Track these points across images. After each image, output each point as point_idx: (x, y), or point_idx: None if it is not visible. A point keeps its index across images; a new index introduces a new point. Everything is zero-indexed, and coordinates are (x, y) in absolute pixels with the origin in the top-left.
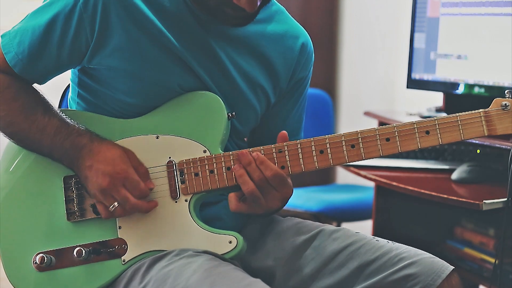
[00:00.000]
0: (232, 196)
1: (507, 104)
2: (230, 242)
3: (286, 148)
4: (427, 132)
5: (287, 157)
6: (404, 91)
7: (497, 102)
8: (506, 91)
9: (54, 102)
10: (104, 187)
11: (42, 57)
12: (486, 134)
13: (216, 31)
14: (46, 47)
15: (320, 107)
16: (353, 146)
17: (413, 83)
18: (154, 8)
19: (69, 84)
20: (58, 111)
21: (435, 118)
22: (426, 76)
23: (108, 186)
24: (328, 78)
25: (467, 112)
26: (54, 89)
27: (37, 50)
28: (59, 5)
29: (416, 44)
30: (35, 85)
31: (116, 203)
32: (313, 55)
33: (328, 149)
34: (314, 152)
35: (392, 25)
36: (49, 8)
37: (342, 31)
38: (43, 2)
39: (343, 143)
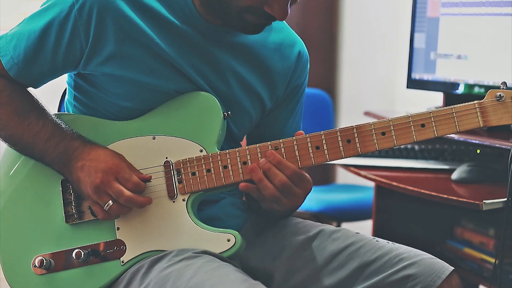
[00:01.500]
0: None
1: (502, 95)
2: (229, 240)
3: (282, 145)
4: (423, 125)
5: (283, 154)
6: (404, 91)
7: (491, 93)
8: (500, 82)
9: (53, 105)
10: (97, 184)
11: (37, 62)
12: (481, 126)
13: (215, 37)
14: (41, 52)
15: (320, 107)
16: (349, 141)
17: (413, 83)
18: (147, 17)
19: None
20: (52, 116)
21: (430, 111)
22: (426, 76)
23: (101, 182)
24: (328, 78)
25: (462, 104)
26: (52, 92)
27: (32, 54)
28: (54, 11)
29: (416, 44)
30: (30, 89)
31: (110, 201)
32: (309, 62)
33: (324, 145)
34: (310, 149)
35: (392, 25)
36: (45, 13)
37: (342, 31)
38: (41, 6)
39: (339, 138)
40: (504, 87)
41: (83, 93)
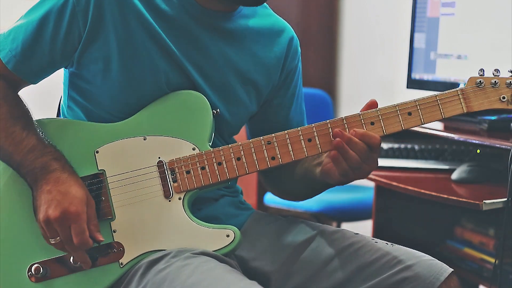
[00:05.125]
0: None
1: (482, 81)
2: (228, 236)
3: (274, 139)
4: (409, 113)
5: (276, 148)
6: (404, 91)
7: (472, 80)
8: (478, 70)
9: (53, 106)
10: (51, 219)
11: (35, 53)
12: (465, 111)
13: (209, 23)
14: (39, 42)
15: (320, 107)
16: None
17: (413, 83)
18: (148, 7)
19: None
20: (38, 130)
21: (415, 99)
22: (426, 76)
23: (55, 220)
24: (328, 78)
25: (445, 92)
26: (52, 92)
27: (31, 45)
28: (52, 1)
29: (416, 44)
30: (24, 96)
31: (58, 238)
32: (299, 46)
33: (316, 137)
34: (302, 142)
35: (392, 25)
36: (42, 4)
37: (342, 31)
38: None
39: (330, 130)
40: (482, 74)
41: (78, 91)
